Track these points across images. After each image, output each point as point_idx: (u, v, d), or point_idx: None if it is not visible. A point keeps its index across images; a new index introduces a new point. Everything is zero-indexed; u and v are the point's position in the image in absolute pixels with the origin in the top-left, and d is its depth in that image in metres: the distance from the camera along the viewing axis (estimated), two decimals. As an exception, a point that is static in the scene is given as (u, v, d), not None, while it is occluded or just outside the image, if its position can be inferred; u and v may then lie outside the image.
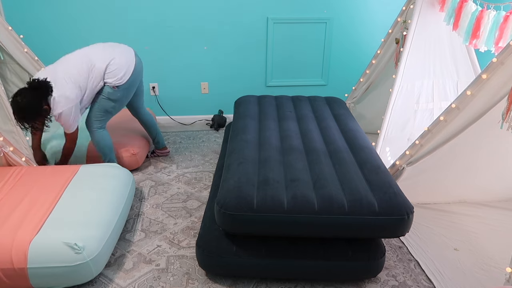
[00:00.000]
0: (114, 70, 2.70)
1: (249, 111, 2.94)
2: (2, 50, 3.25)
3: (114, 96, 2.76)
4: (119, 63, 2.72)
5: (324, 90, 4.06)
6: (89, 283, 2.09)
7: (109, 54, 2.73)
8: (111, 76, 2.70)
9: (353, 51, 3.94)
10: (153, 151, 3.40)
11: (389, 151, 2.94)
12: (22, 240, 1.94)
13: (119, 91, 2.75)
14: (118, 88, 2.74)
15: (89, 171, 2.58)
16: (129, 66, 2.77)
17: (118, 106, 2.86)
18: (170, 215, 2.67)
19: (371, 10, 3.80)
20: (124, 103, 2.91)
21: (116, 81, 2.71)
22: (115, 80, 2.71)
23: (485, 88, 2.15)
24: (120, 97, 2.80)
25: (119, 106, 2.88)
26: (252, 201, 1.92)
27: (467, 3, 2.48)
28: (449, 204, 2.77)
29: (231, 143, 2.50)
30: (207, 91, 4.00)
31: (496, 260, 2.25)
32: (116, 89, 2.73)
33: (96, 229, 2.08)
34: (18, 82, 3.48)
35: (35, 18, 3.53)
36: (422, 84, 2.93)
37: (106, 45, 2.81)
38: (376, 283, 2.14)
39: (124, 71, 2.73)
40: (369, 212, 1.90)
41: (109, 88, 2.73)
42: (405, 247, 2.39)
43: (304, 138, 2.56)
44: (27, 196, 2.28)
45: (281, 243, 2.06)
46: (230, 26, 3.75)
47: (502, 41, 2.27)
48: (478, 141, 2.44)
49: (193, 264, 2.24)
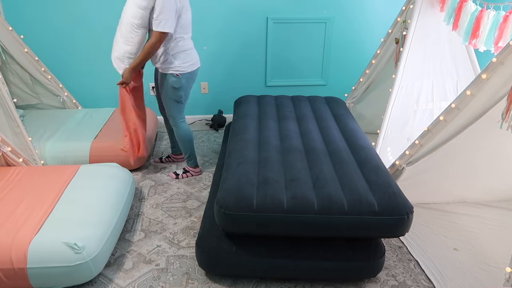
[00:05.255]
0: (189, 53, 2.74)
1: (249, 111, 2.94)
2: (3, 51, 3.25)
3: (179, 84, 2.76)
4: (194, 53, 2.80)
5: (323, 90, 4.07)
6: (89, 283, 2.09)
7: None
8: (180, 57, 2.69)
9: (353, 51, 3.94)
10: (169, 155, 3.37)
11: (390, 151, 2.94)
12: (22, 240, 1.94)
13: (182, 79, 2.75)
14: (181, 75, 2.74)
15: (89, 171, 2.58)
16: (198, 60, 2.85)
17: (184, 94, 2.84)
18: (170, 215, 2.67)
19: (371, 10, 3.80)
20: (188, 92, 2.88)
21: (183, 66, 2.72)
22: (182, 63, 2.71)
23: (484, 88, 2.15)
24: (184, 84, 2.78)
25: (185, 94, 2.85)
26: (252, 201, 1.92)
27: (466, 3, 2.48)
28: (449, 204, 2.77)
29: (231, 143, 2.50)
30: (206, 91, 4.01)
31: (496, 260, 2.25)
32: (179, 77, 2.73)
33: (96, 229, 2.09)
34: (19, 83, 3.49)
35: (35, 18, 3.53)
36: (422, 84, 2.93)
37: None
38: (376, 283, 2.14)
39: (195, 60, 2.79)
40: (369, 212, 1.90)
41: (172, 77, 2.73)
42: (405, 247, 2.39)
43: (304, 138, 2.56)
44: (27, 196, 2.28)
45: (281, 243, 2.06)
46: (230, 26, 3.75)
47: (501, 41, 2.27)
48: (478, 141, 2.44)
49: (193, 264, 2.24)
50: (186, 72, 2.75)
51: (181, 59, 2.70)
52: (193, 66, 2.79)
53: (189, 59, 2.74)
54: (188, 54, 2.74)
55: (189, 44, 2.76)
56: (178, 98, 2.81)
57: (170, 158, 3.37)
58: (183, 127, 2.95)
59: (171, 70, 2.71)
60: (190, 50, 2.77)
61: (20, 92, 3.53)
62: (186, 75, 2.75)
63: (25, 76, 3.46)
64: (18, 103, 3.44)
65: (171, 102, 2.83)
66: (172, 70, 2.71)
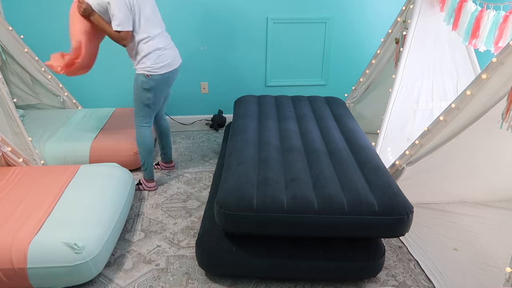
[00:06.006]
0: (162, 54, 2.59)
1: (249, 111, 2.94)
2: (3, 51, 3.25)
3: (148, 85, 2.61)
4: (169, 52, 2.64)
5: (323, 90, 4.07)
6: (89, 283, 2.09)
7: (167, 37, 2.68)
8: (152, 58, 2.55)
9: (353, 51, 3.94)
10: (158, 162, 3.24)
11: (390, 151, 2.94)
12: (22, 240, 1.94)
13: (152, 80, 2.60)
14: (152, 77, 2.59)
15: (89, 171, 2.58)
16: (175, 61, 2.70)
17: (154, 98, 2.68)
18: (170, 215, 2.67)
19: (371, 10, 3.80)
20: (159, 97, 2.73)
21: (154, 66, 2.57)
22: (153, 64, 2.56)
23: (484, 88, 2.15)
24: (154, 87, 2.63)
25: (154, 98, 2.69)
26: (252, 201, 1.92)
27: (466, 3, 2.48)
28: (449, 204, 2.77)
29: (231, 143, 2.50)
30: (206, 91, 4.01)
31: (496, 260, 2.25)
32: (149, 78, 2.59)
33: (96, 229, 2.08)
34: (19, 83, 3.49)
35: (35, 18, 3.53)
36: (422, 84, 2.93)
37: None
38: (376, 283, 2.14)
39: (168, 61, 2.62)
40: (369, 212, 1.90)
41: (143, 77, 2.59)
42: (405, 247, 2.39)
43: (303, 138, 2.56)
44: (27, 196, 2.28)
45: (281, 243, 2.06)
46: (230, 26, 3.75)
47: (501, 41, 2.27)
48: (478, 141, 2.44)
49: (193, 264, 2.24)
50: (157, 74, 2.59)
51: (152, 59, 2.55)
52: (166, 68, 2.62)
53: (161, 59, 2.58)
54: (160, 55, 2.58)
55: (161, 43, 2.60)
56: (146, 100, 2.66)
57: (160, 166, 3.23)
58: (144, 133, 2.77)
59: (142, 70, 2.58)
60: (163, 50, 2.60)
61: (20, 92, 3.53)
62: (156, 77, 2.59)
63: (25, 76, 3.46)
64: (18, 103, 3.44)
65: (139, 103, 2.68)
66: (143, 70, 2.57)
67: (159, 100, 2.74)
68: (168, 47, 2.65)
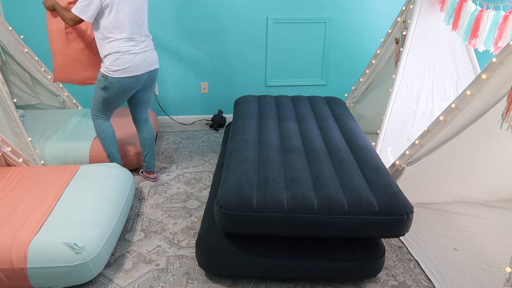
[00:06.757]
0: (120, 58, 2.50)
1: (249, 111, 2.94)
2: (3, 51, 3.25)
3: (102, 84, 2.58)
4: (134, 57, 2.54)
5: (323, 90, 4.06)
6: (89, 283, 2.09)
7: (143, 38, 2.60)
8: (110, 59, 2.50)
9: (353, 51, 3.94)
10: (142, 170, 3.09)
11: (390, 151, 2.94)
12: (22, 240, 1.94)
13: (106, 82, 2.55)
14: (106, 78, 2.54)
15: (89, 171, 2.58)
16: (138, 68, 2.58)
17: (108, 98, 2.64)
18: (170, 215, 2.67)
19: (371, 10, 3.80)
20: (115, 101, 2.70)
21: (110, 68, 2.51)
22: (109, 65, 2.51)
23: (484, 88, 2.15)
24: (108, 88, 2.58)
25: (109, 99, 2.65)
26: (252, 201, 1.92)
27: (466, 3, 2.48)
28: (449, 204, 2.77)
29: (231, 143, 2.50)
30: (207, 91, 4.01)
31: (496, 260, 2.25)
32: (104, 78, 2.54)
33: (96, 229, 2.08)
34: (19, 83, 3.49)
35: (35, 18, 3.53)
36: (422, 84, 2.93)
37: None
38: (376, 283, 2.14)
39: (127, 66, 2.53)
40: (369, 212, 1.90)
41: (100, 75, 2.56)
42: (405, 247, 2.39)
43: (304, 138, 2.56)
44: (27, 196, 2.28)
45: (281, 243, 2.06)
46: (230, 26, 3.75)
47: (501, 41, 2.27)
48: (478, 141, 2.44)
49: (193, 264, 2.24)
50: (112, 77, 2.52)
51: (109, 60, 2.50)
52: (123, 73, 2.53)
53: (118, 63, 2.50)
54: (117, 58, 2.49)
55: (124, 47, 2.50)
56: (100, 98, 2.65)
57: (143, 174, 3.08)
58: (99, 125, 2.79)
59: (102, 67, 2.55)
60: (122, 54, 2.50)
61: (20, 92, 3.53)
62: (111, 79, 2.53)
63: (25, 76, 3.46)
64: (18, 103, 3.44)
65: (95, 99, 2.70)
66: (102, 69, 2.55)
67: (115, 102, 2.71)
68: (133, 52, 2.54)
